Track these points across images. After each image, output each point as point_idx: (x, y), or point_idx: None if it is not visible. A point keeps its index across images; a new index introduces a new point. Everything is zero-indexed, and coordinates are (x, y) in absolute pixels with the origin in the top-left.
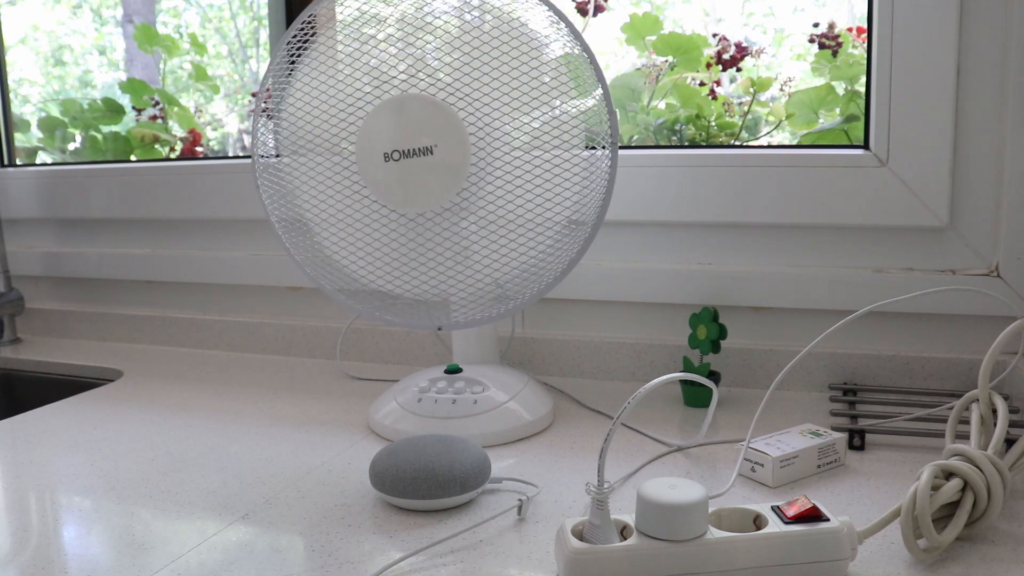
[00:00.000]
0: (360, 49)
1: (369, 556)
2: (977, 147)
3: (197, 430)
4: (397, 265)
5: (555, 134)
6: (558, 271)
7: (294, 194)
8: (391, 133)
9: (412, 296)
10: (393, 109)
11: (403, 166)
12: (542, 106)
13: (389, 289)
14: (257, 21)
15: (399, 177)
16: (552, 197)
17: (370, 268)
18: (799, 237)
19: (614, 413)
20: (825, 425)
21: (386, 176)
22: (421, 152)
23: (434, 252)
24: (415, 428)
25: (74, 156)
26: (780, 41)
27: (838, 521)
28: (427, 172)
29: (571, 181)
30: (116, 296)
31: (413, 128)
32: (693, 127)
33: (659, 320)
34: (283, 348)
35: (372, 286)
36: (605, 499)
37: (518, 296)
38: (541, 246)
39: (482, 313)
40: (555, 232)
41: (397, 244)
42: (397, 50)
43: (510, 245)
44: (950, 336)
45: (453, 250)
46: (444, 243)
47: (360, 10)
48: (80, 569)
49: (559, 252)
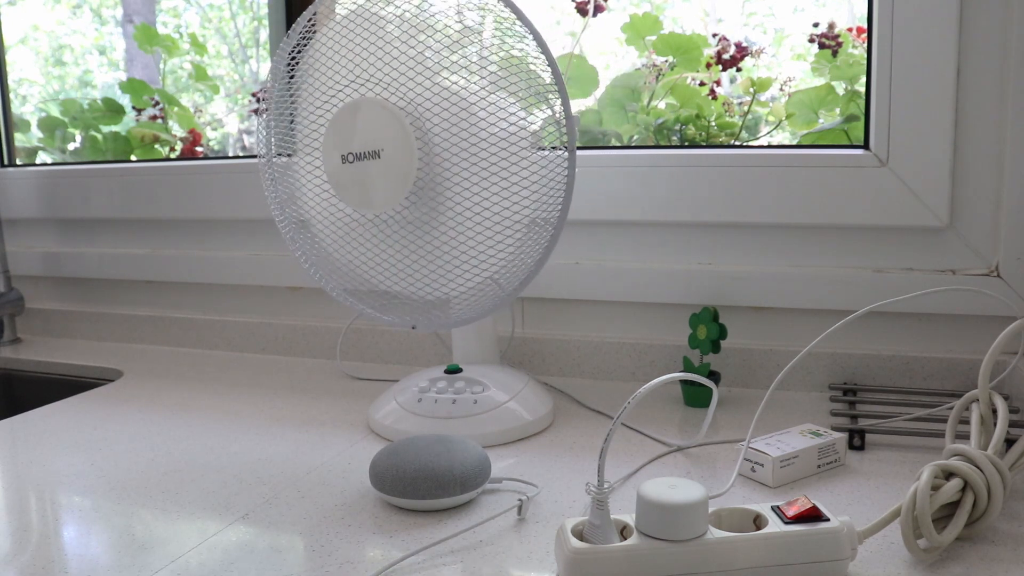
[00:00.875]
0: (337, 51)
1: (369, 556)
2: (977, 147)
3: (197, 430)
4: (374, 264)
5: (510, 138)
6: (524, 272)
7: (296, 194)
8: (347, 136)
9: (400, 295)
10: (350, 112)
11: (356, 168)
12: (495, 108)
13: (376, 287)
14: (257, 21)
15: (353, 179)
16: (509, 196)
17: (360, 266)
18: (799, 237)
19: (614, 413)
20: (825, 425)
21: (343, 177)
22: (370, 155)
23: (399, 251)
24: (415, 428)
25: (74, 156)
26: (780, 41)
27: (838, 521)
28: (376, 175)
29: (529, 180)
30: (116, 296)
31: (364, 132)
32: (693, 127)
33: (659, 320)
34: (283, 348)
35: (367, 285)
36: (605, 499)
37: (501, 290)
38: (504, 246)
39: (455, 317)
40: (518, 232)
41: (376, 242)
42: (368, 53)
43: (470, 243)
44: (950, 336)
45: (421, 251)
46: (406, 244)
47: (354, 10)
48: (80, 569)
49: (524, 252)
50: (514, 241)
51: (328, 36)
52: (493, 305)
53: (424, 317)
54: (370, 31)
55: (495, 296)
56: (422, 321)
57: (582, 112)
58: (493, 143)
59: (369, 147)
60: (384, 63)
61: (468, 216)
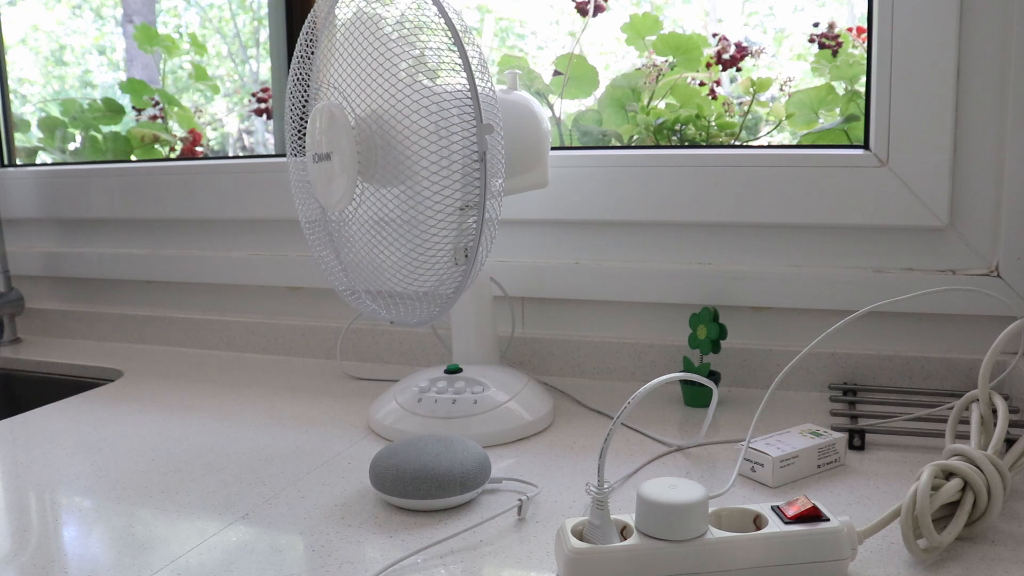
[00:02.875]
0: (320, 56)
1: (369, 556)
2: (977, 147)
3: (197, 430)
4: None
5: (427, 127)
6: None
7: (311, 195)
8: (313, 138)
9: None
10: (316, 115)
11: (322, 168)
12: (408, 100)
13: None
14: (257, 21)
15: (320, 178)
16: (439, 182)
17: (347, 264)
18: (799, 237)
19: (614, 413)
20: (825, 425)
21: (315, 176)
22: (326, 157)
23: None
24: (415, 428)
25: (74, 156)
26: (780, 41)
27: (838, 521)
28: (332, 174)
29: (451, 169)
30: (116, 296)
31: (319, 135)
32: (693, 127)
33: (659, 320)
34: (283, 348)
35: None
36: (605, 499)
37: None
38: (445, 235)
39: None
40: (455, 219)
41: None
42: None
43: (420, 231)
44: (950, 336)
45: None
46: (368, 241)
47: (355, 11)
48: (80, 569)
49: (464, 238)
50: (454, 226)
51: (319, 40)
52: (446, 303)
53: (425, 310)
54: (328, 36)
55: (461, 270)
56: (422, 315)
57: (582, 112)
58: (409, 134)
59: (324, 149)
60: (333, 68)
61: (409, 207)
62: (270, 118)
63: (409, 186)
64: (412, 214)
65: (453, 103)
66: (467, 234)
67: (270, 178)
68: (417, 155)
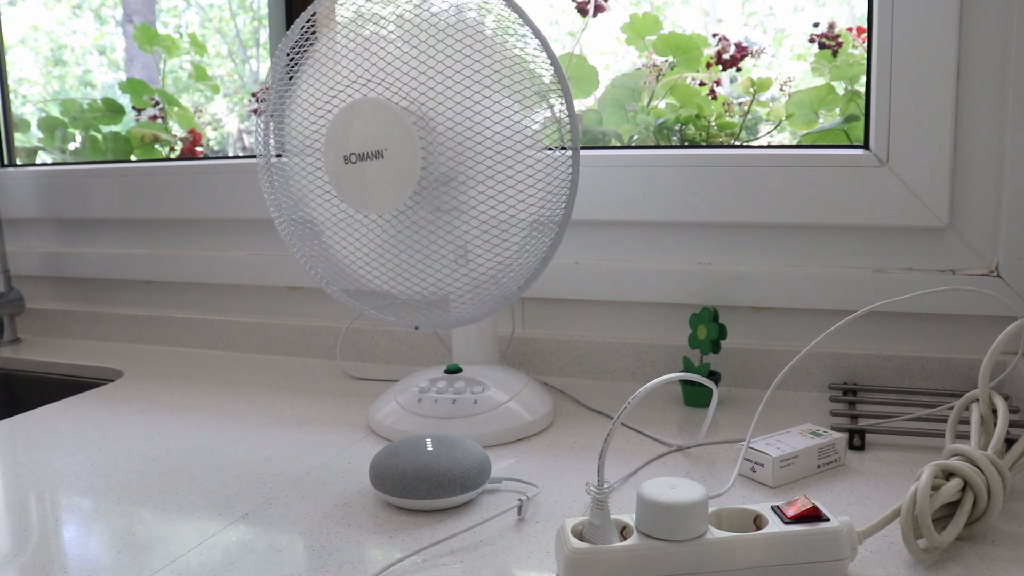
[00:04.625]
0: (339, 51)
1: (369, 556)
2: (977, 147)
3: (197, 430)
4: (381, 263)
5: (513, 137)
6: (527, 273)
7: (299, 194)
8: (350, 136)
9: (401, 295)
10: (352, 113)
11: (359, 168)
12: (498, 108)
13: (377, 287)
14: (257, 21)
15: (356, 179)
16: (513, 196)
17: (362, 267)
18: (799, 237)
19: (614, 413)
20: (825, 425)
21: (346, 178)
22: (373, 156)
23: (400, 252)
24: (415, 428)
25: (74, 156)
26: (780, 41)
27: (838, 521)
28: (379, 175)
29: (532, 180)
30: (116, 296)
31: (366, 132)
32: (693, 127)
33: (659, 320)
34: (283, 348)
35: (369, 285)
36: (605, 499)
37: (505, 289)
38: (506, 247)
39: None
40: (521, 233)
41: (379, 243)
42: (369, 53)
43: (475, 243)
44: (950, 336)
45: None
46: (409, 245)
47: (355, 10)
48: (80, 569)
49: (527, 253)
50: (517, 241)
51: (329, 36)
52: (496, 305)
53: (425, 316)
54: (370, 31)
55: (497, 296)
56: (423, 320)
57: (582, 112)
58: (496, 143)
59: (372, 147)
60: (386, 63)
61: (470, 216)
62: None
63: (479, 192)
64: (463, 220)
65: (550, 121)
66: (529, 250)
67: None
68: (503, 164)
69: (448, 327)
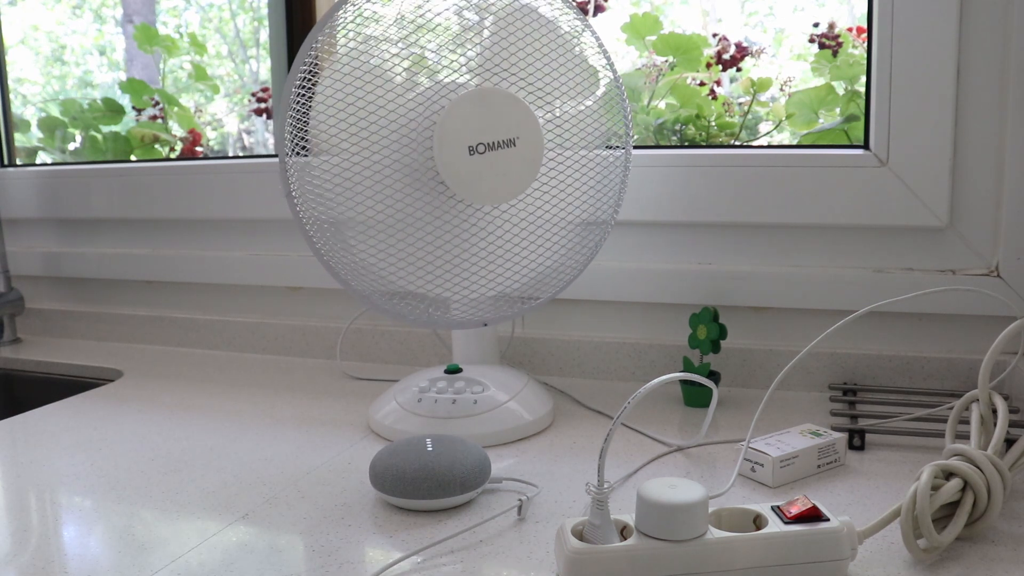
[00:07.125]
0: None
1: (369, 556)
2: (977, 147)
3: (197, 430)
4: (421, 264)
5: (579, 132)
6: (575, 271)
7: (326, 194)
8: (475, 126)
9: (437, 295)
10: (475, 103)
11: (488, 159)
12: (574, 103)
13: (414, 289)
14: (257, 21)
15: (483, 170)
16: (572, 192)
17: (398, 268)
18: (799, 237)
19: (614, 413)
20: (825, 425)
21: (469, 169)
22: (505, 144)
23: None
24: (415, 428)
25: (74, 156)
26: (780, 41)
27: (838, 521)
28: (509, 164)
29: (586, 177)
30: (116, 296)
31: (497, 121)
32: (693, 127)
33: (659, 320)
34: (283, 348)
35: (405, 287)
36: (605, 499)
37: (539, 296)
38: (561, 244)
39: (494, 313)
40: (573, 232)
41: (424, 243)
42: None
43: (532, 245)
44: (950, 336)
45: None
46: (477, 243)
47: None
48: (80, 569)
49: (576, 252)
50: (566, 242)
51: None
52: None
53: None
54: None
55: (551, 291)
56: (489, 317)
57: None
58: (580, 140)
59: (504, 136)
60: (494, 53)
61: (525, 215)
62: (270, 118)
63: (549, 191)
64: (516, 219)
65: (624, 122)
66: (578, 249)
67: (270, 178)
68: (585, 158)
69: (508, 319)
